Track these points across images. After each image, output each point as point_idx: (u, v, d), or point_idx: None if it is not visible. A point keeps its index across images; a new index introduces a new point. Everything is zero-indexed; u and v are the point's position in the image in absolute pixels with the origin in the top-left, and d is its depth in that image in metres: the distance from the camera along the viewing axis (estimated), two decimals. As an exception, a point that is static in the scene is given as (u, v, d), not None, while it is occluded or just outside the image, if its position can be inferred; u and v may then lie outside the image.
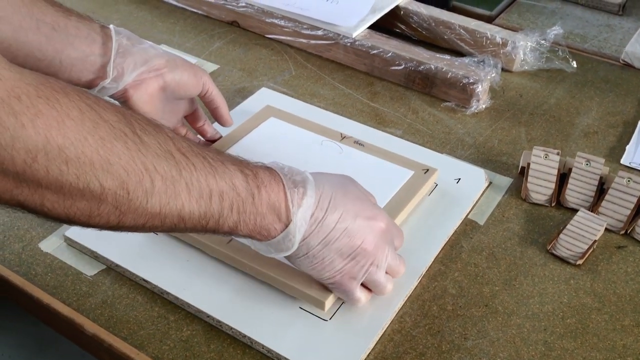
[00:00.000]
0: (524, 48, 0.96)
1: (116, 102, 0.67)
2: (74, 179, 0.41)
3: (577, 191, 0.74)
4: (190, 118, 0.78)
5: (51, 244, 0.68)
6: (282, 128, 0.80)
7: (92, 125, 0.42)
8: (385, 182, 0.71)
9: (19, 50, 0.60)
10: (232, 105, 0.87)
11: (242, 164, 0.52)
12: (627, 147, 0.83)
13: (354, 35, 0.96)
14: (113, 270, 0.66)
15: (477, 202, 0.74)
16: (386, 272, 0.59)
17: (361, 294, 0.59)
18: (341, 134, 0.78)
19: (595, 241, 0.68)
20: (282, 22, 1.01)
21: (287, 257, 0.57)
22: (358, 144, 0.77)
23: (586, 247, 0.68)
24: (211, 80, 0.73)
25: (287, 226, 0.53)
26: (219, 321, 0.60)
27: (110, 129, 0.43)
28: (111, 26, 0.66)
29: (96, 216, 0.44)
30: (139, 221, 0.46)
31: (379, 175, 0.72)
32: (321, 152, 0.76)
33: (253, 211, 0.51)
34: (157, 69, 0.68)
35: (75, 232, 0.68)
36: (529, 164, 0.76)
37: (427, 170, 0.73)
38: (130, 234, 0.67)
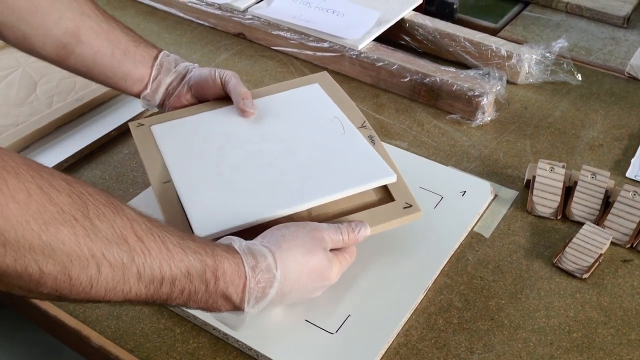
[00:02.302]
0: (529, 61, 0.97)
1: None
2: (11, 262, 0.41)
3: (583, 204, 0.74)
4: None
5: (58, 256, 0.68)
6: (315, 95, 0.78)
7: (37, 209, 0.41)
8: (356, 174, 0.66)
9: (95, 69, 0.73)
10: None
11: (207, 253, 0.51)
12: (633, 160, 0.83)
13: (360, 47, 0.97)
14: (120, 282, 0.66)
15: (482, 214, 0.74)
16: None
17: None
18: (365, 121, 0.75)
19: (601, 255, 0.68)
20: (288, 35, 1.02)
21: None
22: (370, 138, 0.73)
23: (592, 260, 0.68)
24: (233, 75, 0.76)
25: (239, 310, 0.53)
26: (225, 334, 0.60)
27: (59, 214, 0.42)
28: (162, 52, 0.77)
29: (36, 293, 0.44)
30: (81, 300, 0.46)
31: (355, 165, 0.67)
32: (323, 128, 0.73)
33: (205, 296, 0.51)
34: (184, 76, 0.76)
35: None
36: (534, 177, 0.76)
37: (410, 206, 0.65)
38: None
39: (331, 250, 0.59)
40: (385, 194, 0.68)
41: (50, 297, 0.44)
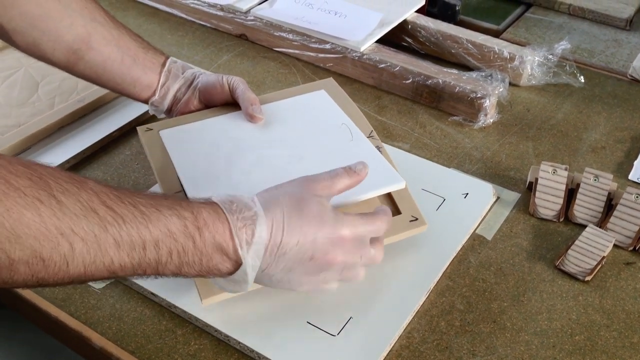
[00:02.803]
0: (532, 62, 0.97)
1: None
2: None
3: (586, 207, 0.74)
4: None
5: (60, 257, 0.68)
6: (322, 102, 0.79)
7: None
8: (366, 181, 0.63)
9: (105, 75, 0.74)
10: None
11: (182, 207, 0.50)
12: (635, 162, 0.83)
13: (362, 49, 0.97)
14: (121, 283, 0.66)
15: (484, 217, 0.74)
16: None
17: (333, 286, 0.58)
18: (372, 131, 0.76)
19: (603, 257, 0.68)
20: (290, 36, 1.02)
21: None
22: (378, 148, 0.73)
23: (595, 263, 0.68)
24: (241, 81, 0.76)
25: (239, 265, 0.51)
26: (226, 335, 0.60)
27: (21, 198, 0.42)
28: (170, 58, 0.78)
29: (12, 282, 0.43)
30: (64, 281, 0.45)
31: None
32: (331, 134, 0.73)
33: (197, 254, 0.50)
34: (192, 82, 0.77)
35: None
36: (536, 179, 0.76)
37: (417, 219, 0.67)
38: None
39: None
40: (392, 207, 0.68)
41: (29, 284, 0.44)
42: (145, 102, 0.77)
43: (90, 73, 0.74)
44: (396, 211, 0.68)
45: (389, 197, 0.70)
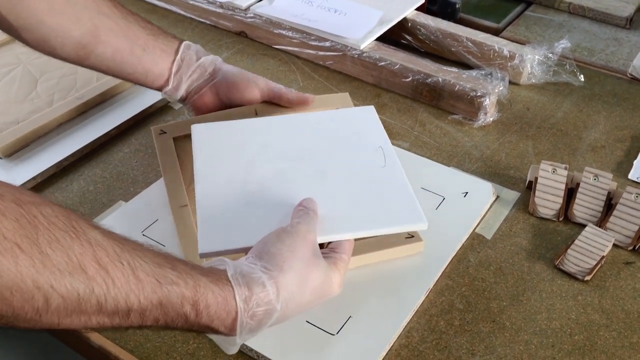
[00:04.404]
0: (532, 61, 0.96)
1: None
2: None
3: (585, 206, 0.74)
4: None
5: (58, 255, 0.68)
6: (367, 119, 0.74)
7: None
8: (385, 215, 0.62)
9: (116, 67, 0.73)
10: (239, 116, 0.87)
11: (186, 284, 0.46)
12: (635, 162, 0.83)
13: (362, 47, 0.97)
14: (120, 282, 0.65)
15: (484, 216, 0.74)
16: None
17: None
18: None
19: (603, 257, 0.68)
20: (289, 33, 1.02)
21: None
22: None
23: (594, 262, 0.67)
24: (270, 83, 0.77)
25: (232, 335, 0.50)
26: (225, 334, 0.60)
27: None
28: (183, 44, 0.76)
29: None
30: (34, 327, 0.42)
31: (386, 204, 0.63)
32: (364, 156, 0.69)
33: (186, 327, 0.48)
34: (209, 72, 0.76)
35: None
36: (536, 179, 0.76)
37: (412, 237, 0.67)
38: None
39: (324, 254, 0.57)
40: None
41: None
42: (160, 90, 0.77)
43: (101, 66, 0.73)
44: None
45: None
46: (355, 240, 0.63)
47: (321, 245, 0.58)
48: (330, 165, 0.67)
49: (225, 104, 0.79)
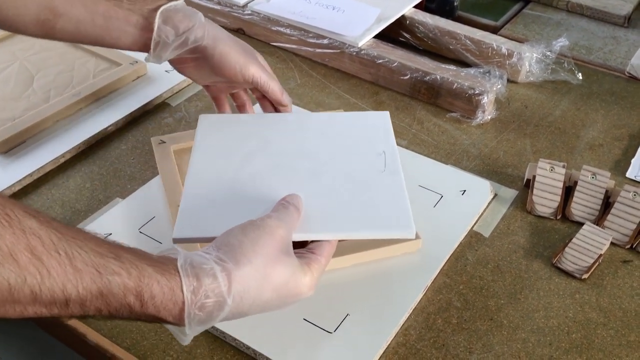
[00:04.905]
0: (530, 59, 0.96)
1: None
2: None
3: (583, 204, 0.74)
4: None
5: (55, 252, 0.68)
6: (377, 124, 0.72)
7: None
8: (372, 219, 0.60)
9: (84, 40, 0.67)
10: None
11: (129, 274, 0.44)
12: (633, 160, 0.83)
13: (360, 44, 0.96)
14: (116, 279, 0.65)
15: (482, 214, 0.74)
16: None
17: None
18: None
19: (600, 255, 0.68)
20: (287, 31, 1.01)
21: None
22: None
23: (592, 261, 0.67)
24: (262, 68, 0.70)
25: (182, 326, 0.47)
26: (222, 332, 0.60)
27: None
28: (158, 15, 0.66)
29: None
30: None
31: (377, 209, 0.62)
32: (365, 159, 0.67)
33: (132, 317, 0.45)
34: (193, 53, 0.69)
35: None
36: (534, 177, 0.76)
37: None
38: (133, 242, 0.67)
39: (299, 253, 0.54)
40: None
41: None
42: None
43: (69, 39, 0.68)
44: None
45: None
46: (345, 240, 0.64)
47: (302, 245, 0.57)
48: (328, 165, 0.66)
49: (211, 81, 0.74)
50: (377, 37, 0.99)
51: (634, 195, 0.72)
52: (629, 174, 0.81)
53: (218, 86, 0.75)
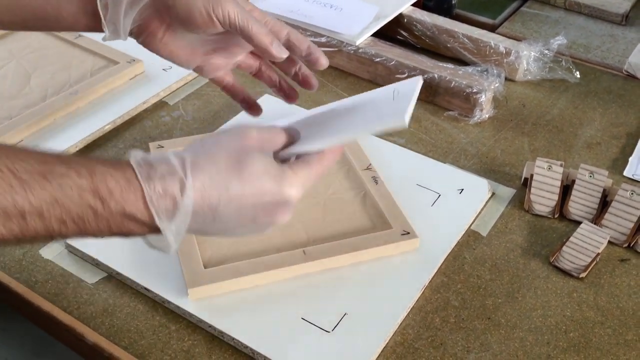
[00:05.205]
0: (528, 58, 0.96)
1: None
2: None
3: (581, 203, 0.74)
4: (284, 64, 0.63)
5: (52, 251, 0.68)
6: (404, 89, 0.59)
7: None
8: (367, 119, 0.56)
9: (23, 13, 0.59)
10: (234, 113, 0.86)
11: (79, 174, 0.43)
12: (630, 159, 0.83)
13: (358, 42, 0.96)
14: (114, 278, 0.65)
15: (479, 213, 0.74)
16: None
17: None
18: (370, 164, 0.75)
19: (598, 254, 0.68)
20: (285, 29, 1.01)
21: None
22: (374, 179, 0.73)
23: (589, 259, 0.67)
24: (237, 5, 0.55)
25: (159, 231, 0.45)
26: (220, 331, 0.60)
27: None
28: None
29: None
30: None
31: (373, 110, 0.57)
32: (377, 94, 0.59)
33: (101, 222, 0.43)
34: (156, 3, 0.57)
35: (76, 240, 0.67)
36: (532, 175, 0.76)
37: (408, 233, 0.67)
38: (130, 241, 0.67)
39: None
40: (382, 222, 0.69)
41: None
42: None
43: (11, 17, 0.59)
44: (387, 226, 0.68)
45: (378, 211, 0.70)
46: (343, 239, 0.65)
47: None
48: (341, 104, 0.60)
49: (187, 37, 0.60)
50: (374, 35, 0.99)
51: (632, 193, 0.72)
52: (627, 172, 0.81)
53: (213, 62, 0.62)
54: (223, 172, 0.46)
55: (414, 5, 1.07)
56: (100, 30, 0.59)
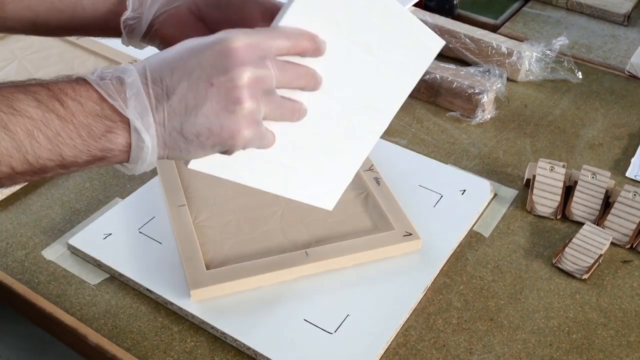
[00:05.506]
0: (530, 58, 0.96)
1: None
2: None
3: (583, 204, 0.74)
4: None
5: (54, 252, 0.68)
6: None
7: None
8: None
9: (41, 6, 0.58)
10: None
11: (31, 85, 0.43)
12: (633, 159, 0.83)
13: (359, 43, 0.96)
14: (116, 279, 0.65)
15: (482, 214, 0.74)
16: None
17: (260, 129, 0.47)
18: (372, 165, 0.76)
19: (601, 255, 0.68)
20: (287, 29, 1.01)
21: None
22: (376, 180, 0.74)
23: (592, 261, 0.67)
24: None
25: (127, 126, 0.43)
26: (223, 333, 0.60)
27: None
28: None
29: None
30: None
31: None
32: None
33: (70, 128, 0.42)
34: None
35: (78, 240, 0.67)
36: (534, 176, 0.76)
37: (410, 234, 0.67)
38: (132, 242, 0.67)
39: None
40: (384, 223, 0.69)
41: None
42: (117, 31, 0.58)
43: (28, 12, 0.58)
44: (389, 227, 0.68)
45: (380, 212, 0.70)
46: (346, 241, 0.66)
47: None
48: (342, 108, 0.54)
49: (207, 26, 0.57)
50: (376, 35, 0.99)
51: (634, 194, 0.72)
52: (629, 173, 0.81)
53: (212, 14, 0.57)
54: (162, 53, 0.45)
55: (415, 5, 1.07)
56: (118, 26, 0.57)
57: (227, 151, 0.47)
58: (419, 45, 0.56)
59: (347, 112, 0.54)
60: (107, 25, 0.59)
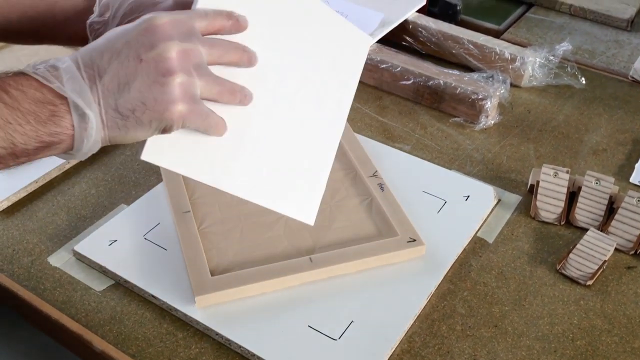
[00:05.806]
0: (533, 64, 0.96)
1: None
2: None
3: (587, 210, 0.74)
4: None
5: (60, 259, 0.68)
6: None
7: None
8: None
9: (12, 13, 0.60)
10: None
11: None
12: (637, 165, 0.83)
13: (363, 49, 0.96)
14: (122, 286, 0.65)
15: (486, 219, 0.74)
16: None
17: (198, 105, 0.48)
18: (376, 171, 0.76)
19: (605, 261, 0.68)
20: (291, 35, 1.01)
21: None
22: (380, 186, 0.74)
23: (596, 267, 0.67)
24: None
25: (67, 105, 0.44)
26: (227, 339, 0.60)
27: None
28: None
29: None
30: None
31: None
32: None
33: (17, 115, 0.44)
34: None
35: (84, 247, 0.68)
36: (538, 182, 0.76)
37: (414, 240, 0.67)
38: (137, 249, 0.67)
39: None
40: (388, 229, 0.69)
41: None
42: (84, 38, 0.59)
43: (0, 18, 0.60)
44: (393, 233, 0.68)
45: (384, 218, 0.70)
46: (349, 247, 0.66)
47: None
48: (287, 101, 0.54)
49: None
50: (380, 41, 0.99)
51: (638, 200, 0.72)
52: (633, 179, 0.81)
53: None
54: (94, 40, 0.47)
55: (419, 11, 1.07)
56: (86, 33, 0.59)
57: (165, 128, 0.47)
58: (348, 40, 0.58)
59: (297, 111, 0.55)
60: (76, 35, 0.60)
